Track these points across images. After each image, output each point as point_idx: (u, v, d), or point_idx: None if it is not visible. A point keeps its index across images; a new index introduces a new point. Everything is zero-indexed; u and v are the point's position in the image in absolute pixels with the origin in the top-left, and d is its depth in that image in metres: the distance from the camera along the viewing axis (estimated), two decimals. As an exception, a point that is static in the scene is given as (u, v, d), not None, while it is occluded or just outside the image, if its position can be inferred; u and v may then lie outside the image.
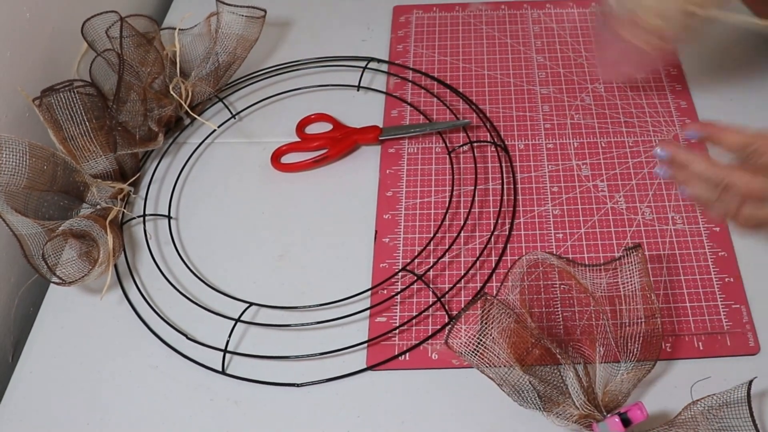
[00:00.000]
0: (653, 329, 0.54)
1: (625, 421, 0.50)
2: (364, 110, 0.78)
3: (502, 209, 0.69)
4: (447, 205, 0.69)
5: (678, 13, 0.65)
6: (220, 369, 0.60)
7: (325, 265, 0.66)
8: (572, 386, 0.53)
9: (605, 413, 0.52)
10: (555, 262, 0.60)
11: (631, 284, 0.55)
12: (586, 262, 0.61)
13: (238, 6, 0.75)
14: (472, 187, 0.70)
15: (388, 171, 0.73)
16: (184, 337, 0.62)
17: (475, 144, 0.74)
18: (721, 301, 0.62)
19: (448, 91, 0.79)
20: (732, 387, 0.51)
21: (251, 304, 0.63)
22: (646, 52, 0.68)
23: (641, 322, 0.54)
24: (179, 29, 0.77)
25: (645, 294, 0.55)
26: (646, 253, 0.64)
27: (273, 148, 0.75)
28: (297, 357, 0.60)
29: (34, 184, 0.63)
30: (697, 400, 0.51)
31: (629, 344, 0.54)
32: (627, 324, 0.55)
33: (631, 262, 0.56)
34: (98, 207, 0.68)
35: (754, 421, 0.49)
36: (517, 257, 0.65)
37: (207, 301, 0.64)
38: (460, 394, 0.58)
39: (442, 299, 0.62)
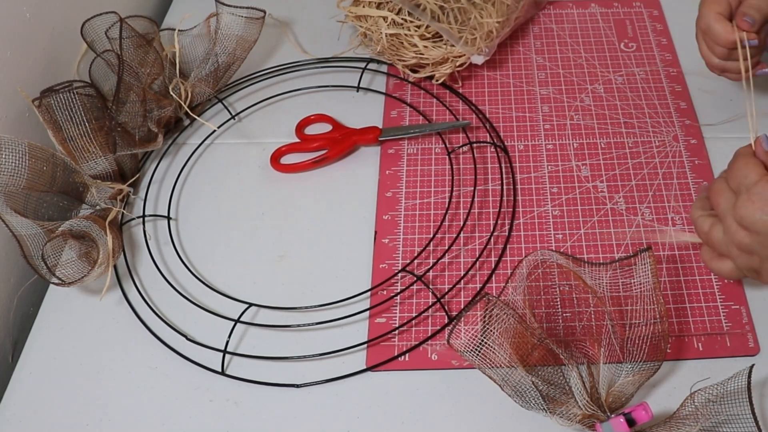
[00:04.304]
0: (660, 331, 0.54)
1: (630, 422, 0.50)
2: (363, 111, 0.78)
3: (502, 210, 0.69)
4: (446, 205, 0.69)
5: None
6: (220, 370, 0.60)
7: (324, 265, 0.66)
8: (575, 386, 0.53)
9: (609, 414, 0.52)
10: (561, 260, 0.60)
11: (643, 286, 0.55)
12: (592, 261, 0.60)
13: (237, 7, 0.75)
14: (472, 188, 0.70)
15: (387, 172, 0.73)
16: (184, 338, 0.62)
17: (475, 145, 0.74)
18: (720, 301, 0.62)
19: (447, 91, 0.79)
20: (732, 374, 0.51)
21: (251, 304, 0.63)
22: None
23: (650, 323, 0.54)
24: (179, 30, 0.77)
25: (656, 296, 0.55)
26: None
27: (272, 149, 0.75)
28: (297, 357, 0.60)
29: (34, 185, 0.63)
30: (695, 393, 0.51)
31: (636, 345, 0.54)
32: (636, 325, 0.55)
33: (644, 263, 0.55)
34: (98, 208, 0.68)
35: (752, 407, 0.48)
36: (517, 258, 0.65)
37: (206, 302, 0.64)
38: (460, 394, 0.58)
39: (441, 300, 0.62)
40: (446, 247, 0.66)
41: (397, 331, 0.62)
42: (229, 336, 0.61)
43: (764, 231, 0.51)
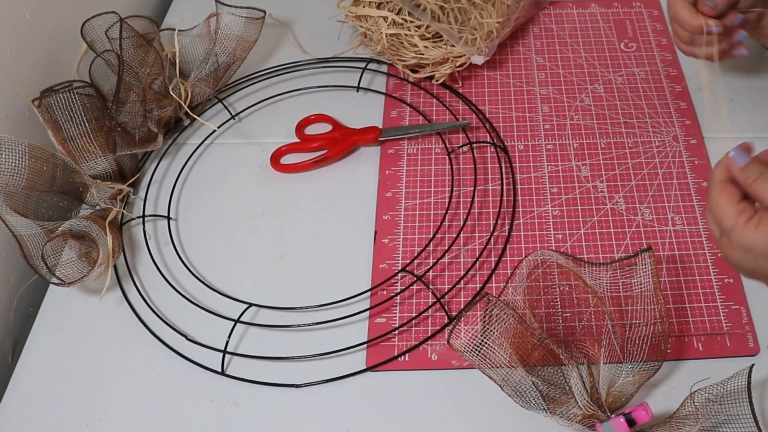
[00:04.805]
0: (660, 331, 0.54)
1: (630, 422, 0.50)
2: (363, 111, 0.78)
3: (502, 210, 0.69)
4: (446, 205, 0.69)
5: None
6: (220, 370, 0.60)
7: (324, 265, 0.66)
8: (575, 386, 0.53)
9: (609, 414, 0.52)
10: (561, 260, 0.60)
11: (643, 286, 0.55)
12: (592, 261, 0.60)
13: (237, 7, 0.75)
14: (472, 188, 0.70)
15: (387, 172, 0.73)
16: (184, 338, 0.62)
17: (475, 145, 0.74)
18: (720, 301, 0.62)
19: (447, 91, 0.79)
20: (732, 374, 0.51)
21: (251, 304, 0.63)
22: None
23: (650, 324, 0.54)
24: (179, 30, 0.77)
25: (656, 296, 0.55)
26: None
27: (272, 149, 0.75)
28: (296, 358, 0.60)
29: (34, 185, 0.63)
30: (695, 393, 0.51)
31: (636, 345, 0.54)
32: (636, 325, 0.55)
33: (644, 263, 0.55)
34: (97, 208, 0.68)
35: (752, 407, 0.48)
36: (517, 258, 0.65)
37: (206, 302, 0.64)
38: (460, 394, 0.58)
39: (441, 300, 0.62)
40: (446, 247, 0.66)
41: (397, 331, 0.62)
42: (229, 336, 0.61)
43: (749, 270, 0.51)
